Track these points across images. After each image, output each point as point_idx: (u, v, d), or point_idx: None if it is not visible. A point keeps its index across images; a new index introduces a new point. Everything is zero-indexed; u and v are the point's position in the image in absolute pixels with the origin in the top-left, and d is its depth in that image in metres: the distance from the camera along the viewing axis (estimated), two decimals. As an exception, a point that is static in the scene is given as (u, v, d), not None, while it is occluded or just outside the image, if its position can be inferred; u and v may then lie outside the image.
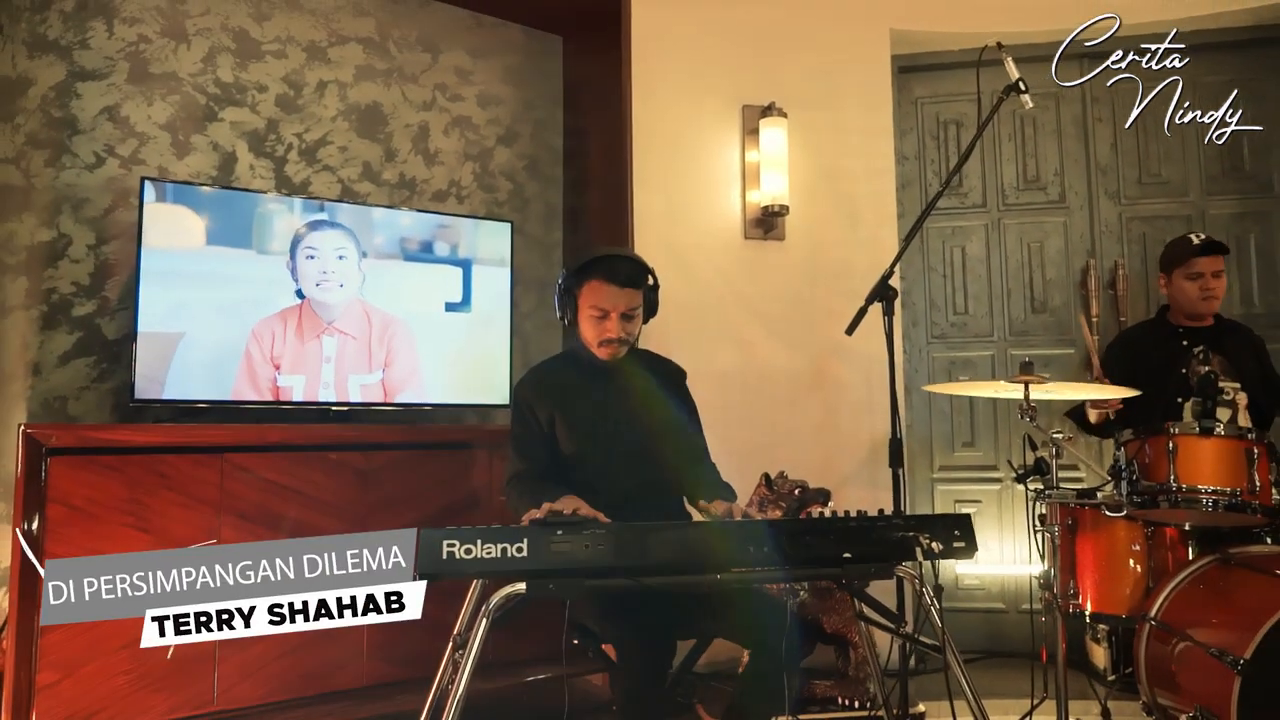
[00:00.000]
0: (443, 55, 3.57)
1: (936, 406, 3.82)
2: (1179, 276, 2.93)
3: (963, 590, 3.77)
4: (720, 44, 3.59)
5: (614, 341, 2.16)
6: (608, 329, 2.14)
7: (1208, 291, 2.88)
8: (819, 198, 3.61)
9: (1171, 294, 3.00)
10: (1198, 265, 2.87)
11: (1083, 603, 2.52)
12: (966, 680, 1.80)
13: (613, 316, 2.13)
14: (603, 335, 2.15)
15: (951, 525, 1.77)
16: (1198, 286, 2.88)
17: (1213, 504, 2.18)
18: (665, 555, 1.66)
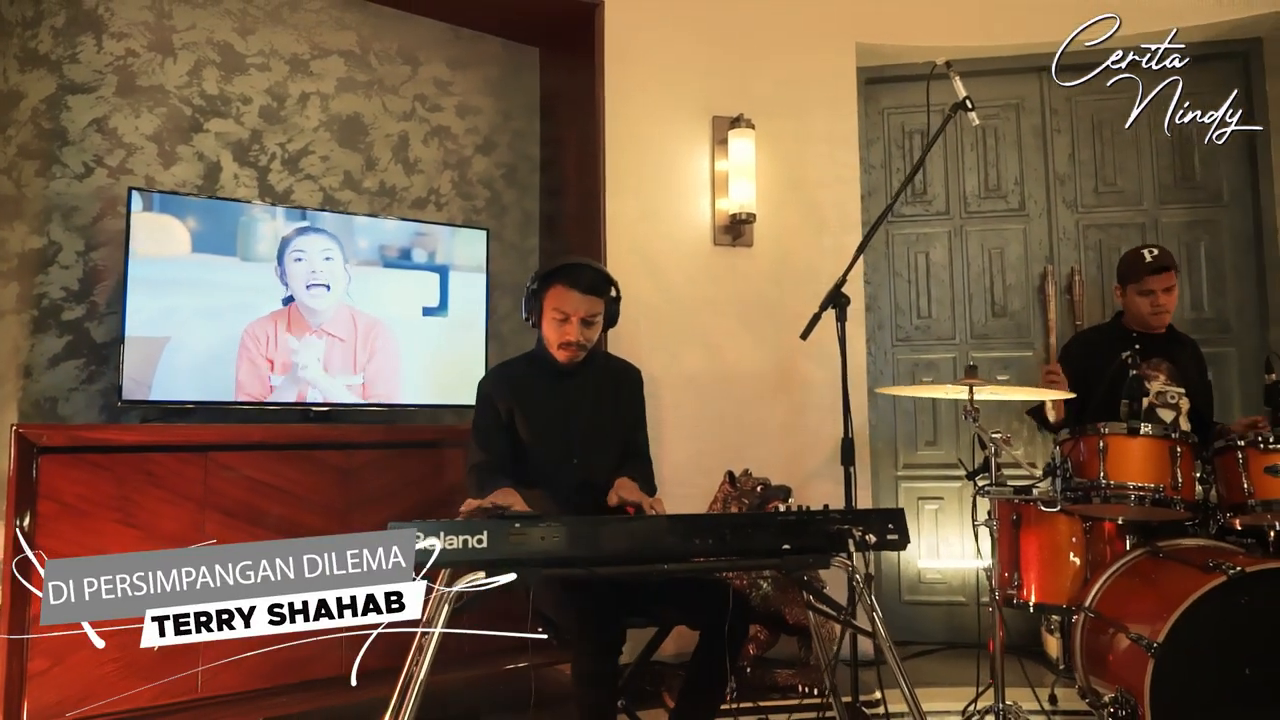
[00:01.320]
0: (422, 67, 3.69)
1: (901, 407, 3.96)
2: (1132, 291, 3.02)
3: (925, 584, 3.91)
4: (691, 57, 3.72)
5: (572, 345, 2.29)
6: (567, 332, 2.28)
7: (1158, 307, 2.98)
8: (786, 206, 3.74)
9: (1125, 305, 3.12)
10: (1149, 283, 2.97)
11: (1026, 594, 2.65)
12: (897, 664, 1.92)
13: (573, 320, 2.27)
14: (562, 338, 2.29)
15: (885, 519, 1.90)
16: (1149, 302, 2.98)
17: (1139, 499, 2.32)
18: (616, 546, 1.79)
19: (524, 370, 2.44)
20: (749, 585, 3.09)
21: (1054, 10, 3.79)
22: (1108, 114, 3.95)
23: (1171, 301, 3.00)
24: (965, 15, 3.85)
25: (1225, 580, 1.98)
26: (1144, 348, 3.01)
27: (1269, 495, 2.25)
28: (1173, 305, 3.01)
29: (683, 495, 3.36)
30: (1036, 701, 2.54)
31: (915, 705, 1.92)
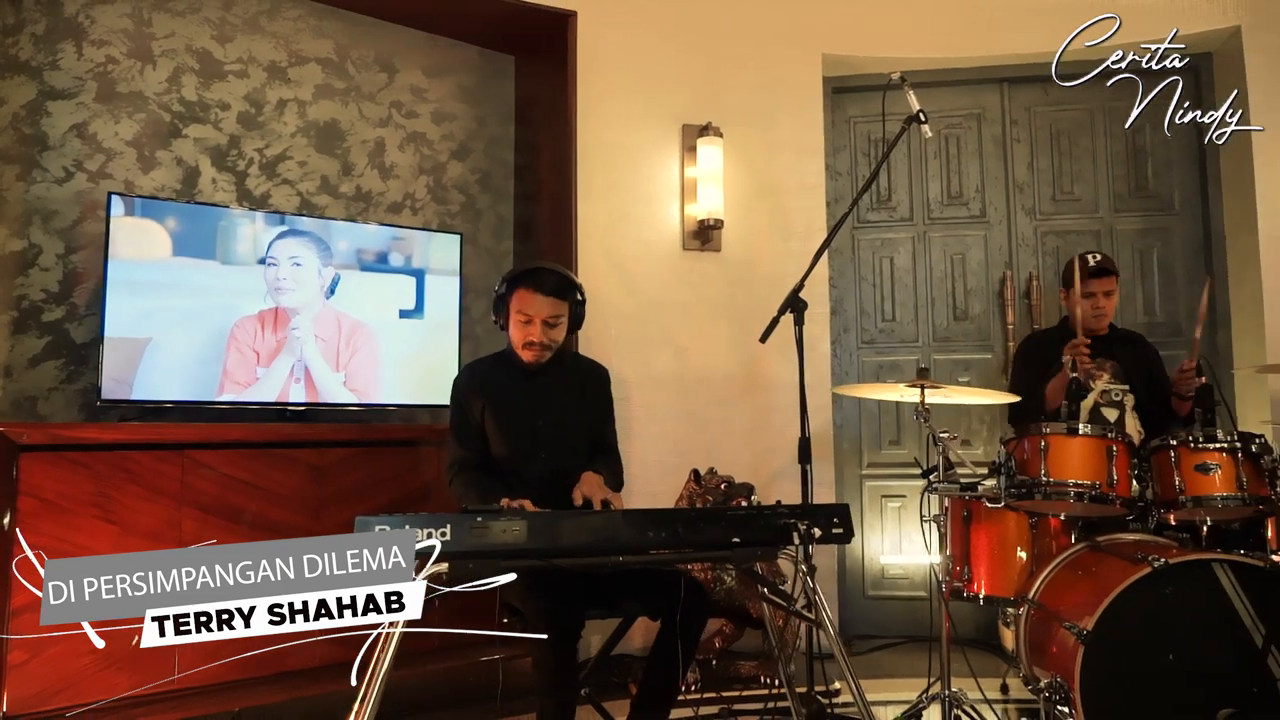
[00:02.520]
0: (399, 74, 3.77)
1: (865, 408, 4.07)
2: (1075, 294, 3.15)
3: (888, 580, 4.03)
4: (661, 66, 3.82)
5: (535, 345, 2.38)
6: (530, 333, 2.37)
7: (1098, 310, 3.10)
8: (753, 211, 3.85)
9: (1069, 308, 3.23)
10: (1090, 286, 3.08)
11: (976, 588, 2.76)
12: (841, 651, 2.02)
13: (536, 322, 2.36)
14: (526, 338, 2.38)
15: (831, 514, 2.00)
16: (1090, 305, 3.10)
17: (1078, 496, 2.43)
18: (575, 539, 1.88)
19: (495, 369, 2.53)
20: (713, 580, 3.20)
21: (1013, 24, 3.93)
22: (1065, 124, 4.09)
23: (1111, 305, 3.11)
24: (928, 28, 3.98)
25: (1150, 572, 2.10)
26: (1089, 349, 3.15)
27: (1199, 491, 2.37)
28: (1112, 309, 3.12)
29: (651, 493, 3.48)
30: (980, 691, 2.64)
31: (858, 690, 2.02)
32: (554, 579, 2.10)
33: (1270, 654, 2.02)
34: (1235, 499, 2.33)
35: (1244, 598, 2.08)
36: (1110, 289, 3.11)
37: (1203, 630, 2.09)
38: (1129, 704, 2.09)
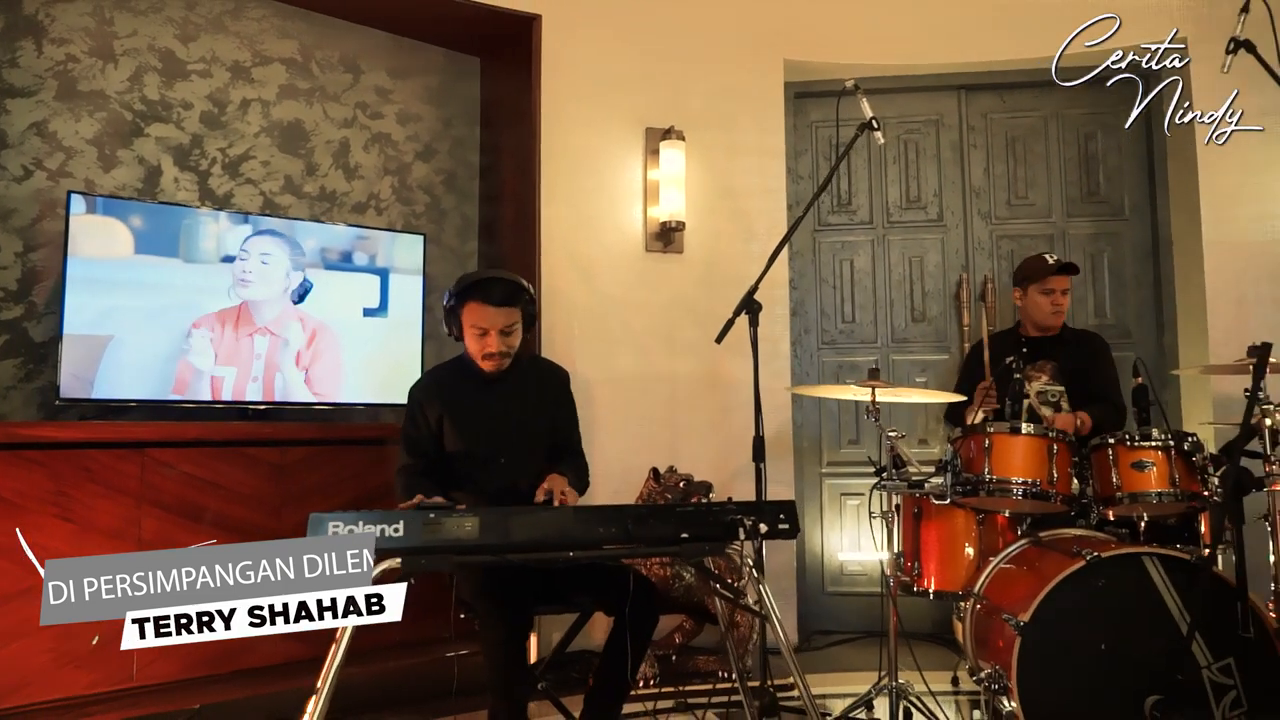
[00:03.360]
0: (364, 75, 3.79)
1: (825, 407, 4.15)
2: (1034, 291, 3.24)
3: (846, 576, 4.10)
4: (625, 70, 3.87)
5: (495, 355, 2.41)
6: (488, 345, 2.40)
7: (1057, 307, 3.21)
8: (715, 214, 3.91)
9: (1025, 306, 3.32)
10: (1051, 283, 3.18)
11: (926, 583, 2.84)
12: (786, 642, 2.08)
13: (491, 334, 2.39)
14: (484, 350, 2.41)
15: (777, 510, 2.05)
16: (1049, 301, 3.20)
17: (1021, 493, 2.51)
18: (526, 535, 1.93)
19: (454, 376, 2.55)
20: (672, 576, 3.25)
21: (971, 33, 4.03)
22: (1020, 131, 4.19)
23: (1067, 303, 3.21)
24: (889, 36, 4.06)
25: (1084, 565, 2.18)
26: (1031, 350, 3.24)
27: (1136, 488, 2.46)
28: (1067, 307, 3.22)
29: (613, 491, 3.52)
30: (925, 685, 2.71)
31: (802, 681, 2.08)
32: (507, 575, 2.15)
33: (1195, 643, 2.10)
34: (1169, 495, 2.42)
35: (1172, 589, 2.17)
36: (1068, 287, 3.21)
37: (1133, 621, 2.17)
38: (1063, 692, 2.17)
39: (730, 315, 2.85)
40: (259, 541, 1.63)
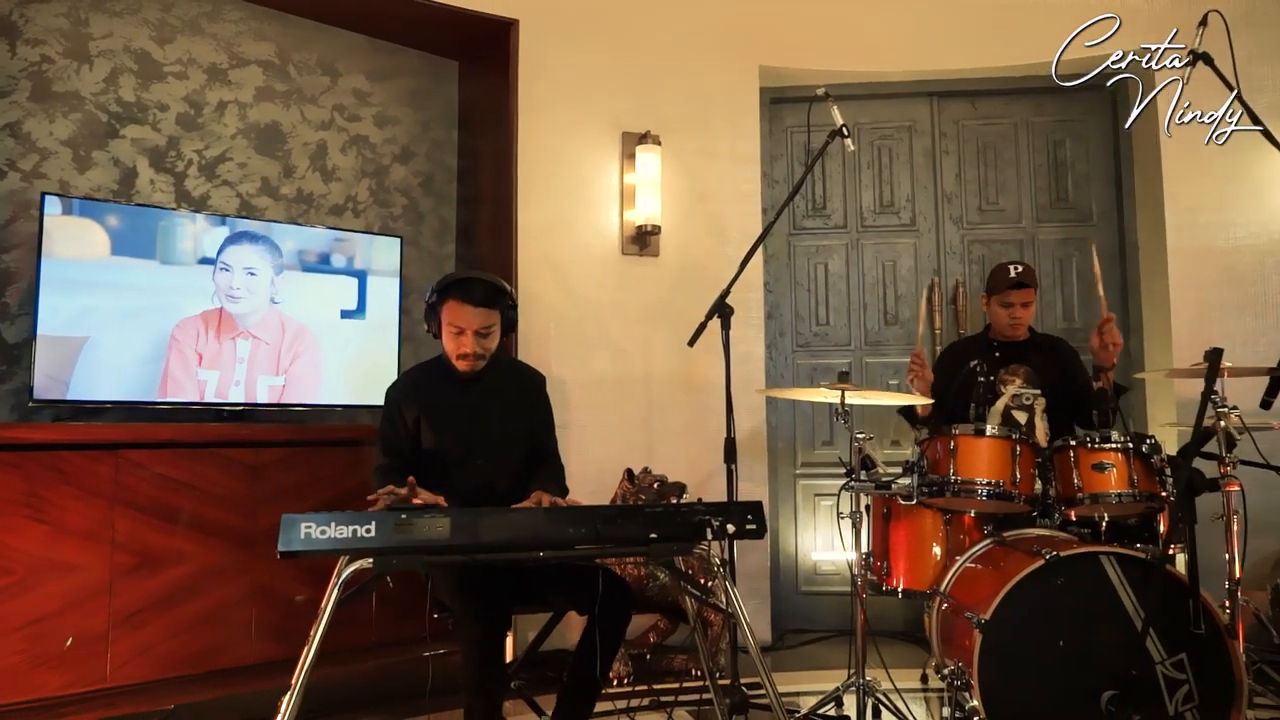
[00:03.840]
0: (342, 78, 3.81)
1: (800, 409, 4.20)
2: (995, 303, 3.28)
3: (820, 576, 4.16)
4: (602, 74, 3.91)
5: (469, 356, 2.44)
6: (463, 344, 2.42)
7: (1015, 319, 3.25)
8: (691, 218, 3.96)
9: (989, 314, 3.37)
10: (1010, 297, 3.23)
11: (895, 581, 2.89)
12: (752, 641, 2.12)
13: (468, 333, 2.42)
14: (459, 350, 2.43)
15: (745, 510, 2.09)
16: (1007, 314, 3.24)
17: (985, 493, 2.57)
18: (497, 535, 1.95)
19: (432, 377, 2.57)
20: (646, 576, 3.29)
21: (943, 42, 4.09)
22: (991, 137, 4.26)
23: (1028, 315, 3.26)
24: (863, 43, 4.12)
25: (1043, 564, 2.24)
26: (1004, 355, 3.30)
27: (1096, 489, 2.52)
28: (1028, 318, 3.27)
29: (589, 492, 3.54)
30: (891, 682, 2.76)
31: (768, 679, 2.13)
32: (481, 575, 2.18)
33: (1149, 639, 2.16)
34: (1128, 495, 2.49)
35: (1128, 587, 2.23)
36: (1028, 300, 3.24)
37: (1090, 618, 2.23)
38: (1022, 688, 2.23)
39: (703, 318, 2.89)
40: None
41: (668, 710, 2.78)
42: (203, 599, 2.86)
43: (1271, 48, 3.82)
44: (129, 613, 2.73)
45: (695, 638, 3.36)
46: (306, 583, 2.96)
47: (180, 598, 2.82)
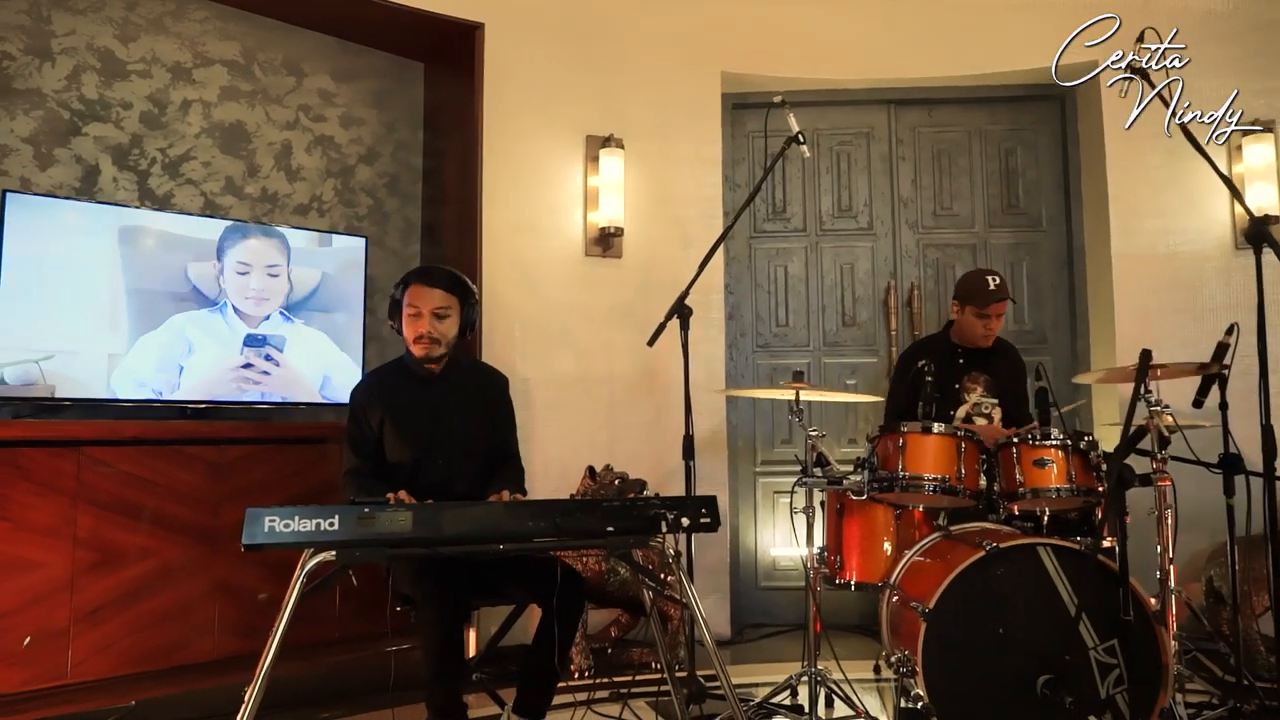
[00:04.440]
0: (307, 78, 3.83)
1: (760, 408, 4.29)
2: (970, 313, 3.30)
3: (779, 571, 4.25)
4: (566, 78, 3.97)
5: (425, 337, 2.47)
6: (419, 325, 2.46)
7: (989, 331, 3.31)
8: (653, 220, 4.03)
9: (960, 323, 3.37)
10: (989, 309, 3.27)
11: (848, 575, 2.98)
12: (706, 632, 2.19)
13: (424, 313, 2.46)
14: (416, 331, 2.47)
15: (699, 504, 2.17)
16: (983, 325, 3.29)
17: (931, 488, 2.67)
18: (459, 528, 2.01)
19: (393, 377, 2.61)
20: (607, 571, 3.36)
21: (899, 52, 4.21)
22: (946, 145, 4.39)
23: (999, 326, 3.32)
24: (823, 52, 4.22)
25: (984, 555, 2.34)
26: (967, 361, 3.39)
27: (1037, 484, 2.62)
28: (999, 329, 3.33)
29: (552, 489, 3.62)
30: (842, 672, 2.85)
31: (722, 670, 2.21)
32: (441, 568, 2.23)
33: (1083, 626, 2.28)
34: (1067, 490, 2.59)
35: (1063, 577, 2.34)
36: (1003, 312, 3.30)
37: (1028, 606, 2.33)
38: (963, 674, 2.33)
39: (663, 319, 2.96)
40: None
41: (625, 701, 2.84)
42: (165, 595, 2.88)
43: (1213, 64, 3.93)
44: (90, 609, 2.74)
45: (647, 631, 3.47)
46: (270, 579, 2.98)
47: (142, 594, 2.83)
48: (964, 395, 3.30)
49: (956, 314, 3.38)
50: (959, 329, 3.40)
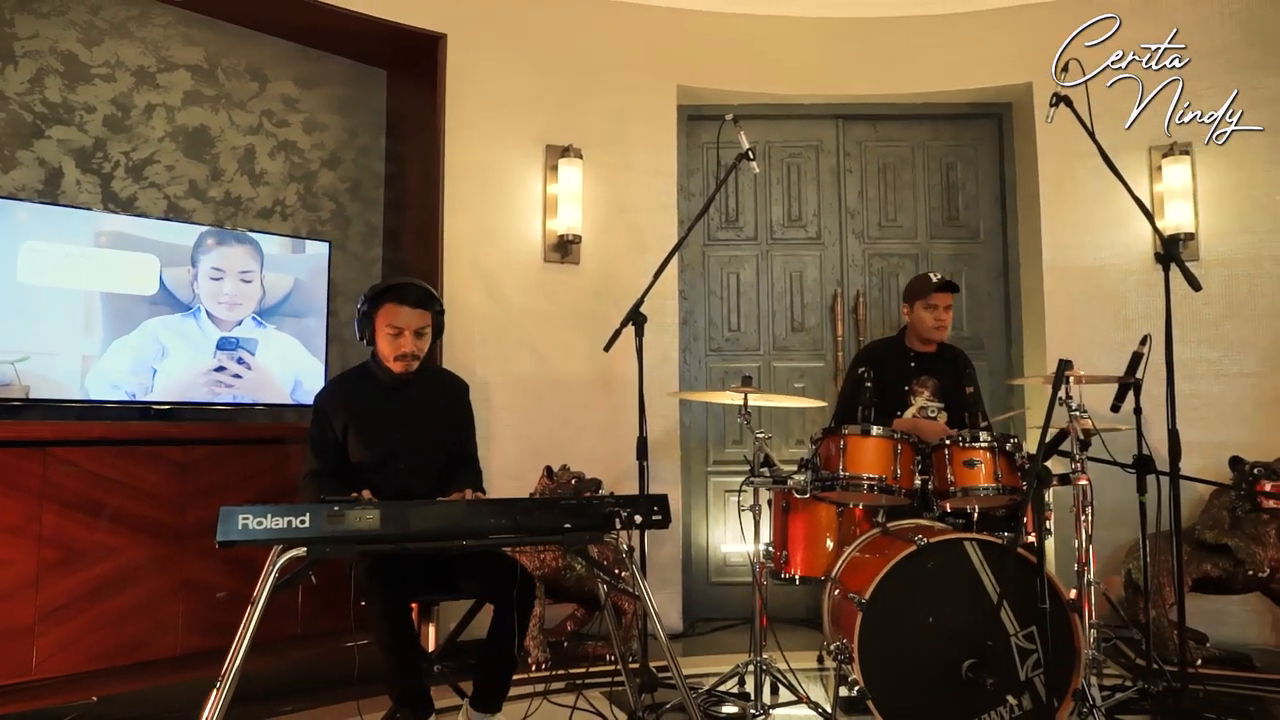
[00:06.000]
0: (270, 84, 3.89)
1: (712, 410, 4.45)
2: (919, 307, 3.47)
3: (729, 567, 4.42)
4: (527, 89, 4.09)
5: (407, 355, 2.57)
6: (402, 345, 2.56)
7: (940, 321, 3.47)
8: (610, 228, 4.17)
9: (912, 321, 3.54)
10: (934, 299, 3.44)
11: (793, 569, 3.14)
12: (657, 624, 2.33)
13: (406, 334, 2.55)
14: (398, 350, 2.56)
15: (652, 503, 2.31)
16: (933, 317, 3.45)
17: (869, 487, 2.84)
18: (424, 525, 2.13)
19: (358, 383, 2.69)
20: (564, 568, 3.49)
21: (846, 69, 4.39)
22: (891, 159, 4.59)
23: (949, 318, 3.48)
24: (774, 67, 4.39)
25: (915, 549, 2.52)
26: (918, 365, 3.56)
27: (967, 483, 2.81)
28: (949, 322, 3.50)
29: (511, 489, 3.73)
30: (786, 662, 3.02)
31: (673, 660, 2.35)
32: (396, 565, 2.33)
33: (1004, 614, 2.47)
34: (994, 489, 2.78)
35: (987, 569, 2.53)
36: (950, 304, 3.47)
37: (955, 596, 2.52)
38: (896, 660, 2.50)
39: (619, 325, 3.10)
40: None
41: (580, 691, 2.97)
42: (130, 593, 2.94)
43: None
44: (55, 606, 2.79)
45: (601, 624, 3.60)
46: (234, 576, 3.05)
47: (107, 592, 2.89)
48: (911, 398, 3.48)
49: (907, 314, 3.54)
50: (913, 329, 3.53)
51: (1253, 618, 3.81)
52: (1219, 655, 3.50)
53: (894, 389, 3.45)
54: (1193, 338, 3.97)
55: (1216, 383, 3.96)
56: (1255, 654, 3.55)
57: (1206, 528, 3.53)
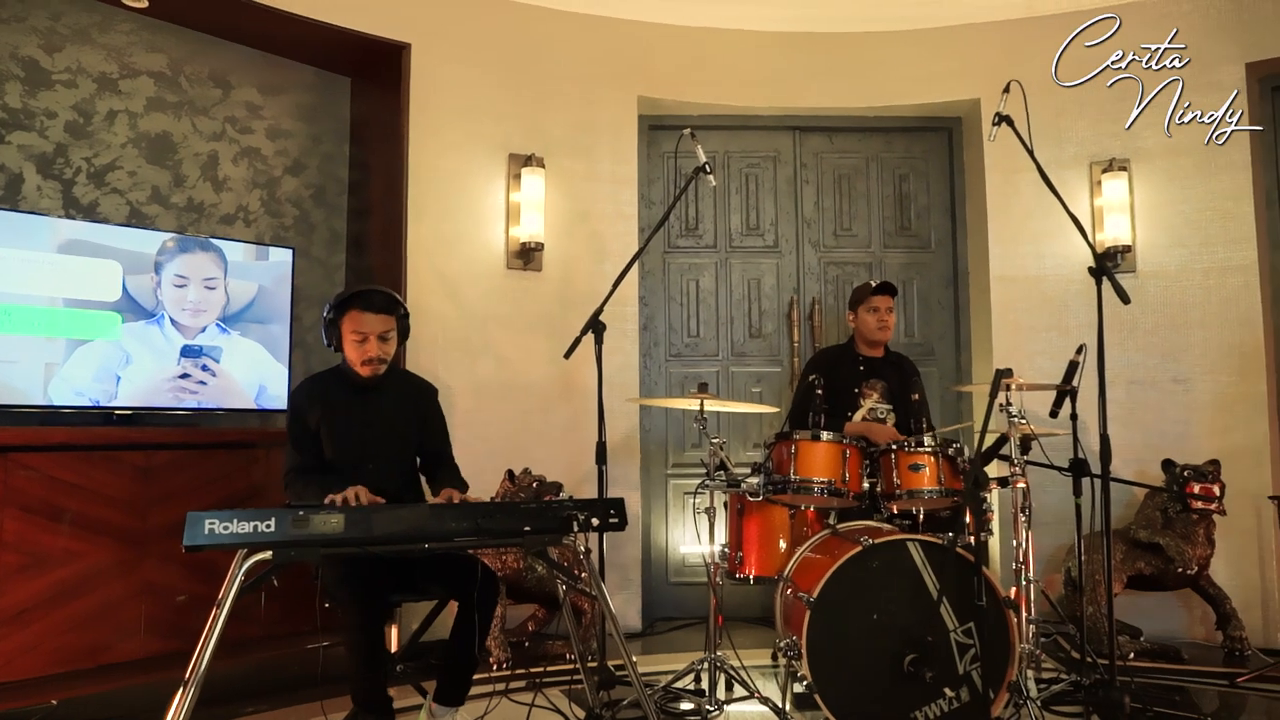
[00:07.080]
0: (234, 91, 3.91)
1: (672, 415, 4.55)
2: (862, 311, 3.64)
3: (688, 567, 4.52)
4: (490, 98, 4.16)
5: (374, 360, 2.63)
6: (368, 350, 2.62)
7: (883, 323, 3.64)
8: (572, 236, 4.25)
9: (857, 326, 3.71)
10: (875, 302, 3.61)
11: (747, 569, 3.25)
12: (614, 622, 2.42)
13: (371, 339, 2.62)
14: (364, 355, 2.62)
15: (609, 506, 2.40)
16: (875, 319, 3.63)
17: (819, 490, 2.96)
18: (387, 529, 2.19)
19: (331, 383, 2.74)
20: (525, 569, 3.56)
21: (802, 82, 4.52)
22: (846, 169, 4.72)
23: (892, 320, 3.64)
24: (732, 79, 4.51)
25: (860, 549, 2.64)
26: (867, 369, 3.70)
27: (912, 486, 2.93)
28: (893, 324, 3.65)
29: (474, 492, 3.77)
30: (739, 659, 3.12)
31: (628, 656, 2.44)
32: (365, 571, 2.40)
33: (944, 611, 2.59)
34: (937, 492, 2.91)
35: (928, 568, 2.65)
36: (891, 306, 3.63)
37: (898, 594, 2.64)
38: (842, 655, 2.61)
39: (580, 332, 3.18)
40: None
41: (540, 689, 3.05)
42: (92, 597, 2.96)
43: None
44: (16, 611, 2.81)
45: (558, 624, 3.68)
46: (194, 581, 3.08)
47: (69, 596, 2.91)
48: (861, 400, 3.61)
49: (853, 321, 3.72)
50: (859, 334, 3.71)
51: (1183, 613, 3.99)
52: (1151, 648, 3.68)
53: (845, 392, 3.59)
54: (1130, 345, 4.15)
55: (1152, 389, 4.14)
56: (1184, 647, 3.74)
57: (1140, 527, 3.71)
